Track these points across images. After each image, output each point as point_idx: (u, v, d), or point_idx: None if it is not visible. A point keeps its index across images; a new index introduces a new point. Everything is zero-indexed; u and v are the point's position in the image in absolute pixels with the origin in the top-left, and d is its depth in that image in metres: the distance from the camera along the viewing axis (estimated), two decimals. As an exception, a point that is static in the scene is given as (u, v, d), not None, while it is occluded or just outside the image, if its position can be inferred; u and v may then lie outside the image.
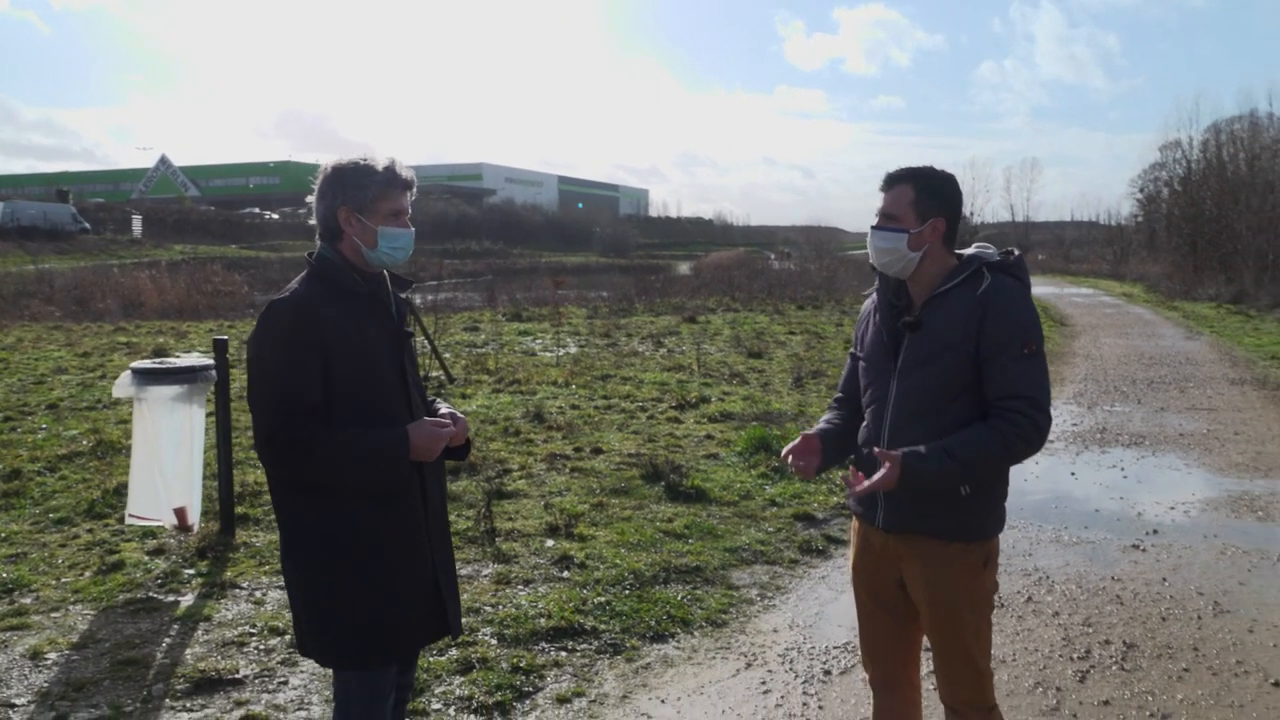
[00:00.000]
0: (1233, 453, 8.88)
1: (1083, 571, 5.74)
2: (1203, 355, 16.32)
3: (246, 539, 6.05)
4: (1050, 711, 4.06)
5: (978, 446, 2.58)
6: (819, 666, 4.49)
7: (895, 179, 2.75)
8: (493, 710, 4.03)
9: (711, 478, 7.53)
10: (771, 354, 15.66)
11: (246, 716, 3.93)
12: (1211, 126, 41.57)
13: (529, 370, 13.53)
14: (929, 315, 2.71)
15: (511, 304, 27.19)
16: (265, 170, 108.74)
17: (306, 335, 2.55)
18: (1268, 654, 4.59)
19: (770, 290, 31.77)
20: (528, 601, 5.09)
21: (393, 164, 2.72)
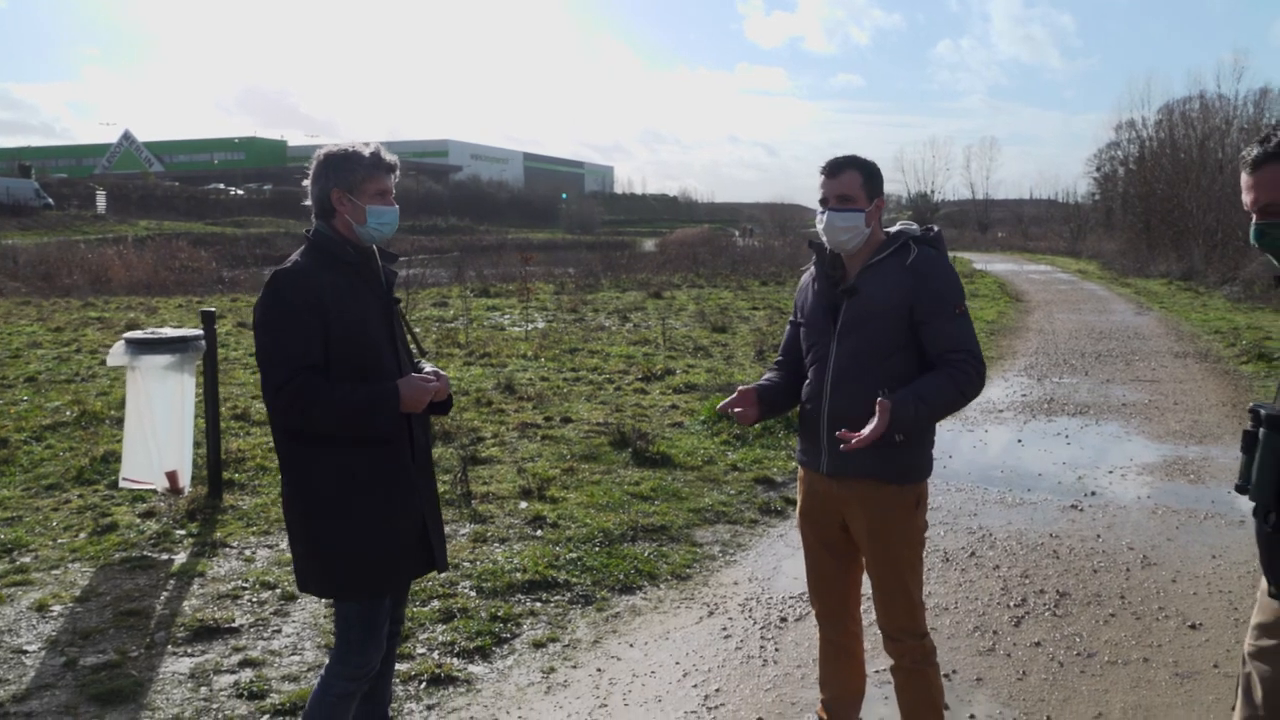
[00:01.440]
0: (1171, 421, 9.34)
1: (1023, 529, 6.14)
2: (1150, 330, 16.88)
3: (233, 502, 6.31)
4: (987, 652, 4.44)
5: (941, 392, 2.95)
6: (776, 614, 4.84)
7: (843, 165, 3.09)
8: (474, 654, 4.35)
9: (676, 444, 7.87)
10: (735, 329, 16.02)
11: (244, 660, 4.22)
12: (1164, 107, 42.34)
13: (499, 344, 13.80)
14: (864, 283, 3.07)
15: (479, 280, 27.36)
16: (230, 146, 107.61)
17: (308, 300, 2.85)
18: (1188, 601, 5.00)
19: (734, 266, 32.15)
20: (504, 558, 5.41)
21: (377, 150, 3.06)
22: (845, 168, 3.09)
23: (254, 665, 4.18)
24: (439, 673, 4.13)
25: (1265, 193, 2.20)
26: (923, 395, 2.92)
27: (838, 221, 3.06)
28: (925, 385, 2.95)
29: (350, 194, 2.98)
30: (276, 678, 4.08)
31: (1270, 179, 2.18)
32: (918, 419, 2.92)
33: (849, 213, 3.05)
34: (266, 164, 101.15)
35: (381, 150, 3.05)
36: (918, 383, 2.96)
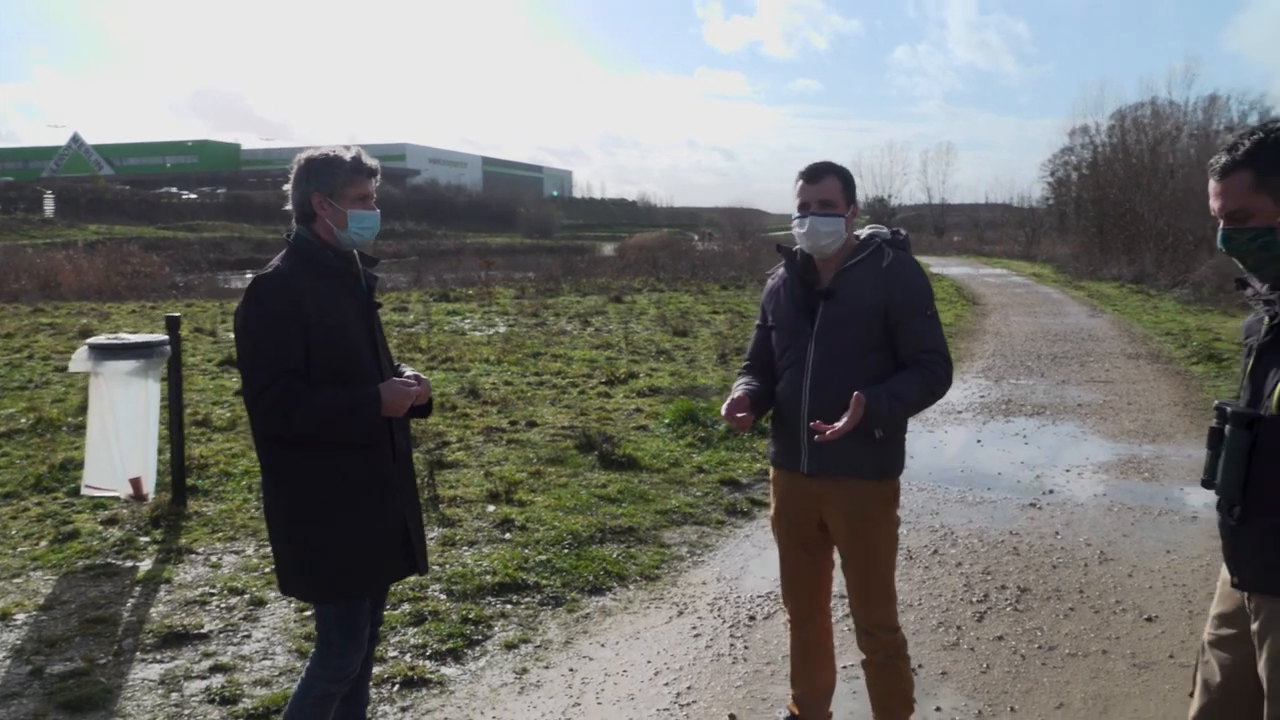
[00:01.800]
0: (1125, 421, 9.55)
1: (984, 527, 6.26)
2: (1104, 332, 17.20)
3: (198, 508, 6.26)
4: (951, 646, 4.53)
5: (913, 390, 3.05)
6: (744, 613, 4.90)
7: (823, 171, 3.16)
8: (446, 656, 4.36)
9: (642, 447, 7.92)
10: (696, 332, 16.11)
11: (215, 666, 4.20)
12: (1117, 113, 43.08)
13: (461, 349, 13.76)
14: (841, 286, 3.13)
15: (439, 284, 27.24)
16: (182, 149, 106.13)
17: (289, 306, 2.86)
18: (1144, 594, 5.13)
19: (694, 271, 32.27)
20: (473, 561, 5.42)
21: (358, 155, 3.05)
22: (825, 174, 3.16)
23: (225, 670, 4.16)
24: (412, 675, 4.14)
25: (1232, 200, 2.27)
26: (896, 392, 3.00)
27: (821, 226, 3.13)
28: (898, 383, 3.03)
29: (331, 199, 2.97)
30: (248, 682, 4.06)
31: (1236, 186, 2.26)
32: (890, 414, 3.00)
33: (831, 217, 3.12)
34: (220, 167, 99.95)
35: (363, 155, 3.06)
36: (891, 380, 3.04)
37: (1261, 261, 2.28)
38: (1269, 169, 2.21)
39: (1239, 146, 2.26)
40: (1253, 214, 2.24)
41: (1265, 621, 2.28)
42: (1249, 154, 2.23)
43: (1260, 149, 2.22)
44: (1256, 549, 2.28)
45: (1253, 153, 2.23)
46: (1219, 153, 2.31)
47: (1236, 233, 2.28)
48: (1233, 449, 2.29)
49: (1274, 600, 2.25)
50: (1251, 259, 2.29)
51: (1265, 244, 2.24)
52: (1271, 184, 2.21)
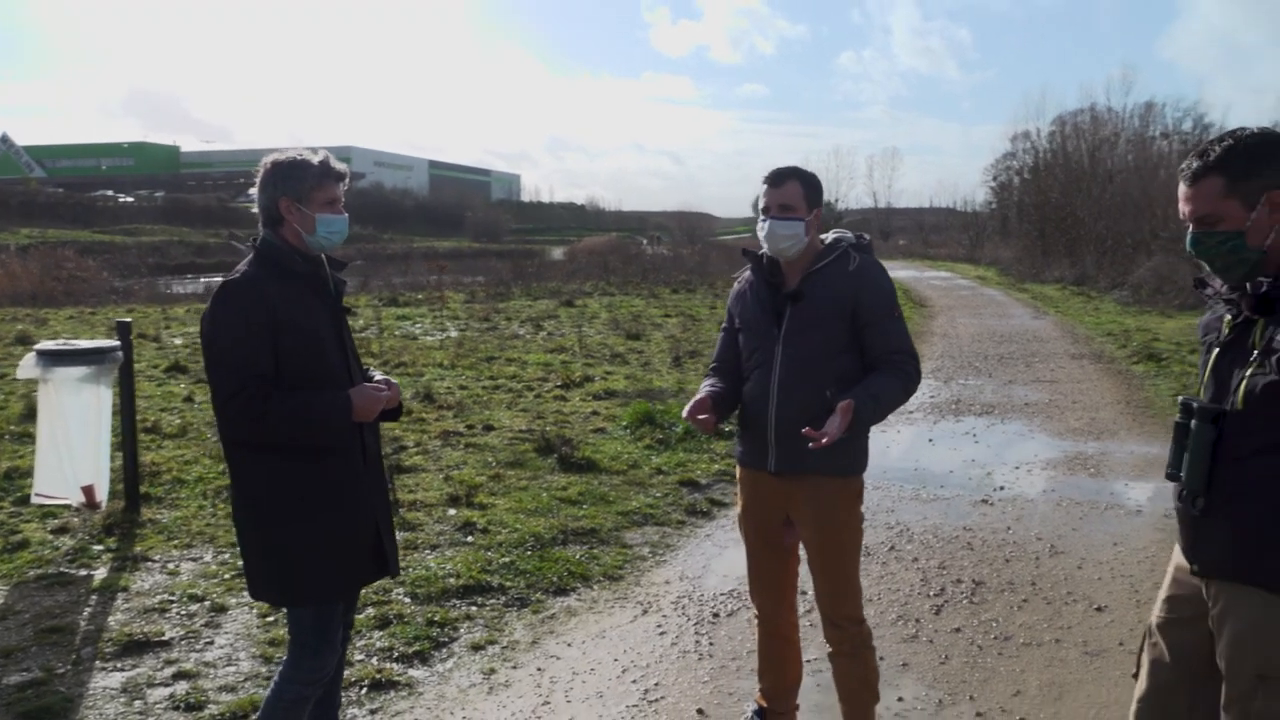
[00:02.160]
0: (1071, 419, 9.78)
1: (938, 523, 6.39)
2: (1048, 333, 17.57)
3: (152, 516, 6.18)
4: (910, 639, 4.63)
5: (890, 391, 3.14)
6: (708, 610, 4.96)
7: (786, 176, 3.22)
8: (413, 658, 4.36)
9: (601, 450, 7.95)
10: (649, 335, 16.18)
11: (178, 673, 4.16)
12: (1057, 119, 44.02)
13: (413, 353, 13.69)
14: (808, 289, 3.20)
15: (388, 289, 27.02)
16: (119, 151, 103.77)
17: (256, 312, 2.84)
18: (1093, 585, 5.28)
19: (644, 275, 32.37)
20: (436, 564, 5.41)
21: (326, 159, 3.05)
22: (788, 178, 3.22)
23: (188, 677, 4.12)
24: (379, 678, 4.13)
25: (1203, 204, 2.33)
26: (876, 395, 3.08)
27: (780, 229, 3.19)
28: (877, 385, 3.10)
29: (299, 203, 2.96)
30: (213, 689, 4.03)
31: (1207, 191, 2.32)
32: (874, 416, 3.09)
33: (790, 221, 3.18)
34: (158, 170, 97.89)
35: (330, 159, 3.05)
36: (869, 383, 3.11)
37: (1229, 264, 2.34)
38: (1240, 175, 2.27)
39: (1210, 152, 2.31)
40: (1223, 218, 2.30)
41: (1225, 607, 2.37)
42: (1220, 160, 2.29)
43: (1231, 155, 2.28)
44: (1219, 538, 2.36)
45: (1224, 159, 2.29)
46: (1189, 158, 2.37)
47: (1206, 236, 2.35)
48: (1198, 443, 2.37)
49: (1233, 586, 2.34)
50: (1220, 262, 2.36)
51: (1234, 248, 2.30)
52: (1241, 189, 2.27)
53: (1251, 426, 2.27)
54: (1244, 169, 2.25)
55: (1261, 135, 2.29)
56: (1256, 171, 2.25)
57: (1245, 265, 2.30)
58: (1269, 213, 2.25)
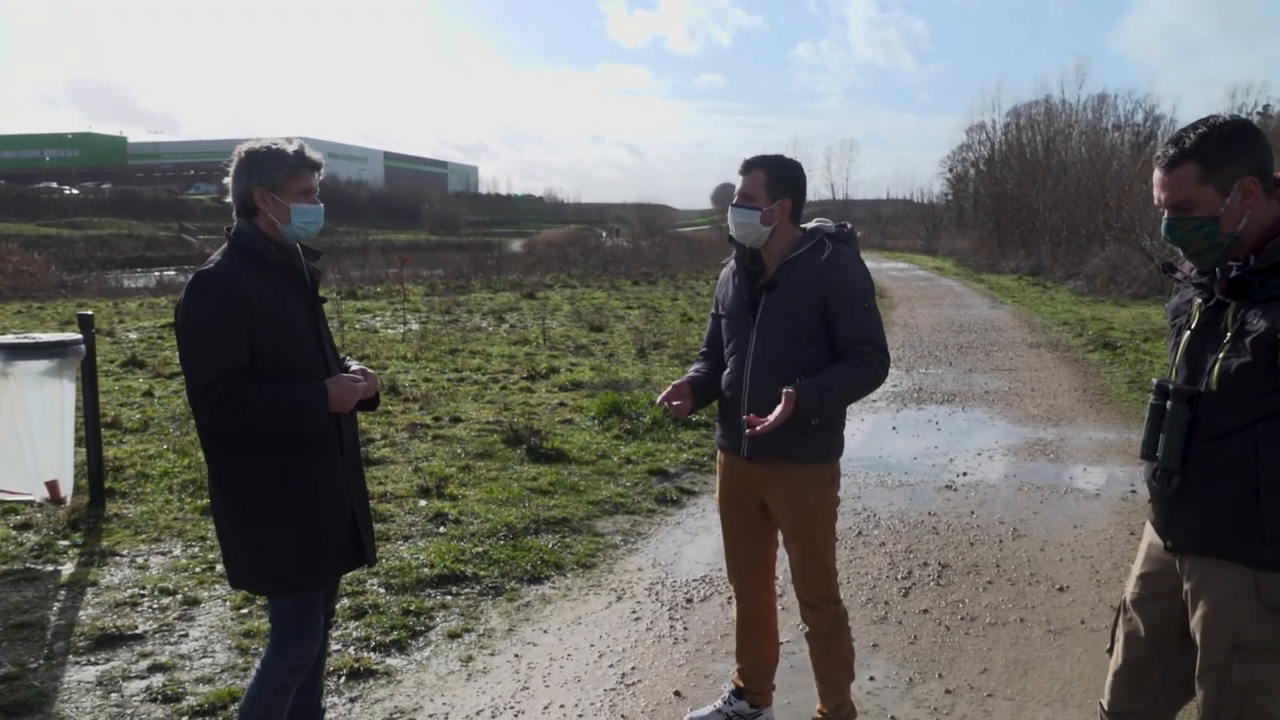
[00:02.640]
0: (1030, 406, 9.97)
1: (904, 509, 6.50)
2: (1006, 323, 17.86)
3: (118, 510, 6.12)
4: (880, 620, 4.73)
5: (846, 382, 3.17)
6: (681, 596, 5.02)
7: (751, 165, 3.28)
8: (390, 647, 4.38)
9: (569, 440, 7.99)
10: (612, 327, 16.22)
11: (154, 666, 4.14)
12: (1012, 111, 44.65)
13: (376, 346, 13.64)
14: (782, 278, 3.25)
15: (346, 282, 26.81)
16: (63, 142, 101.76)
17: (231, 302, 2.83)
18: (1055, 566, 5.41)
19: (605, 267, 32.43)
20: (409, 555, 5.43)
21: (301, 148, 3.03)
22: (753, 167, 3.27)
23: (164, 670, 4.11)
24: (358, 666, 4.15)
25: (1178, 191, 2.39)
26: (828, 385, 3.13)
27: (735, 217, 3.27)
28: (831, 375, 3.15)
29: (274, 193, 2.95)
30: (190, 680, 4.02)
31: (1183, 178, 2.38)
32: (823, 406, 3.13)
33: (746, 209, 3.24)
34: (104, 161, 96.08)
35: (305, 148, 3.04)
36: (824, 373, 3.16)
37: (1203, 249, 2.41)
38: (1214, 162, 2.34)
39: (1185, 140, 2.37)
40: (1198, 204, 2.37)
41: (1199, 582, 2.46)
42: (1195, 147, 2.35)
43: (1206, 143, 2.35)
44: (1194, 516, 2.44)
45: (1199, 146, 2.35)
46: (1165, 145, 2.43)
47: (1181, 222, 2.41)
48: (1174, 423, 2.44)
49: (1208, 562, 2.43)
50: (1194, 246, 2.43)
51: (1208, 233, 2.37)
52: (1215, 176, 2.34)
53: (1225, 407, 2.35)
54: (1218, 156, 2.32)
55: (1235, 123, 2.36)
56: (1230, 158, 2.32)
57: (1219, 250, 2.38)
58: (1242, 199, 2.32)
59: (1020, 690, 4.02)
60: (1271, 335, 2.24)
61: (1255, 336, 2.26)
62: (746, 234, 3.28)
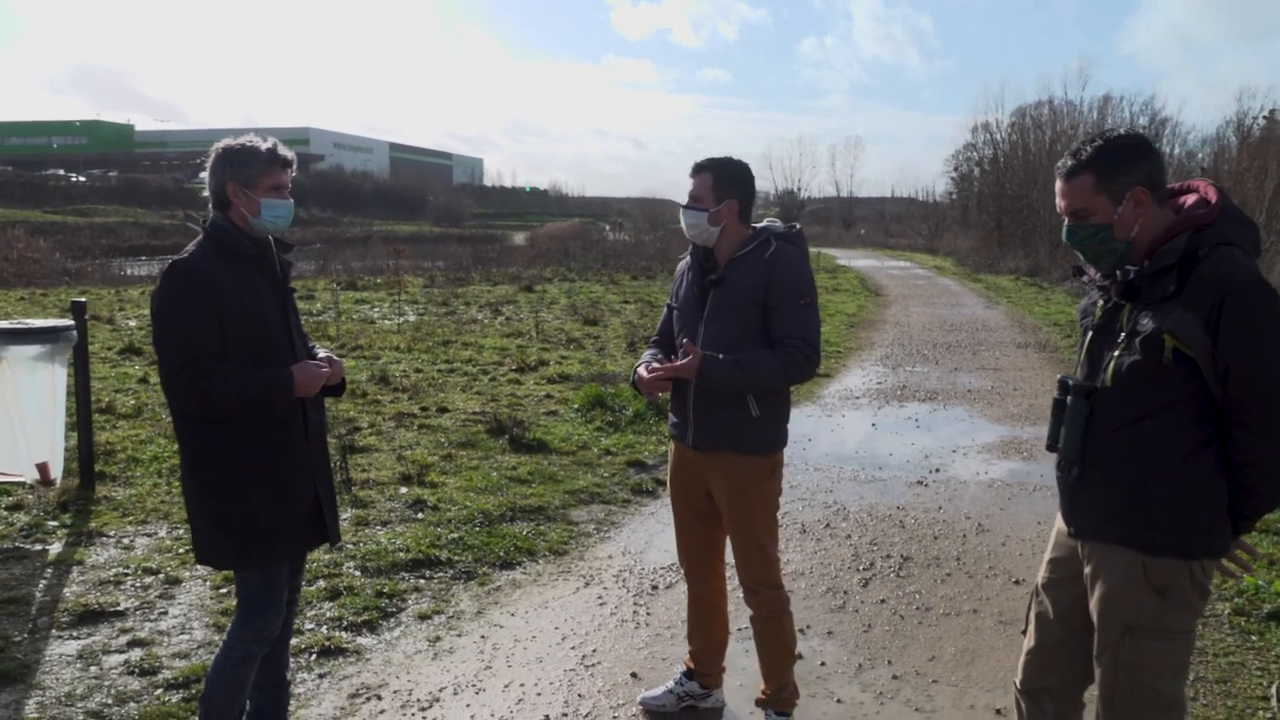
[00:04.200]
0: (1010, 405, 10.12)
1: (874, 503, 6.66)
2: (997, 322, 17.99)
3: (107, 493, 6.29)
4: (838, 609, 4.88)
5: (761, 364, 3.32)
6: (648, 583, 5.18)
7: (699, 168, 3.44)
8: (361, 627, 4.55)
9: (552, 431, 8.15)
10: (606, 321, 16.37)
11: (133, 641, 4.31)
12: (1017, 110, 44.66)
13: (370, 336, 13.79)
14: (730, 275, 3.41)
15: (346, 273, 26.98)
16: (70, 129, 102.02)
17: (203, 291, 3.01)
18: (1014, 560, 5.57)
19: (605, 261, 32.55)
20: (386, 539, 5.59)
21: (274, 146, 3.20)
22: (701, 170, 3.44)
23: (143, 645, 4.28)
24: (329, 645, 4.31)
25: (1076, 199, 2.58)
26: (741, 362, 3.29)
27: (685, 218, 3.44)
28: (748, 355, 3.31)
29: (246, 188, 3.12)
30: (167, 655, 4.19)
31: (1080, 188, 2.57)
32: (729, 378, 3.28)
33: (694, 211, 3.42)
34: (111, 149, 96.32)
35: (278, 146, 3.20)
36: (746, 352, 3.32)
37: (1100, 254, 2.60)
38: (1108, 173, 2.52)
39: (1082, 152, 2.56)
40: (1094, 212, 2.55)
41: (1096, 566, 2.62)
42: (1091, 159, 2.54)
43: (1101, 154, 2.53)
44: (1091, 503, 2.62)
45: (1094, 158, 2.54)
46: (1065, 157, 2.62)
47: (1079, 228, 2.60)
48: (1073, 417, 2.63)
49: (1104, 547, 2.60)
50: (1091, 252, 2.61)
51: (1103, 239, 2.56)
52: (1109, 186, 2.52)
53: (1118, 402, 2.53)
54: (1111, 168, 2.50)
55: (1127, 137, 2.53)
56: (1123, 170, 2.49)
57: (1114, 255, 2.55)
58: (1133, 207, 2.50)
59: (965, 677, 4.18)
60: (1158, 336, 2.41)
61: (1144, 336, 2.43)
62: (697, 234, 3.44)
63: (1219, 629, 4.62)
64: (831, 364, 12.62)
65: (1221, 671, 4.21)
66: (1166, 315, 2.41)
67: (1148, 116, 39.17)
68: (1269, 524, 5.93)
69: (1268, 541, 5.68)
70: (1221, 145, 31.71)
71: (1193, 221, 2.48)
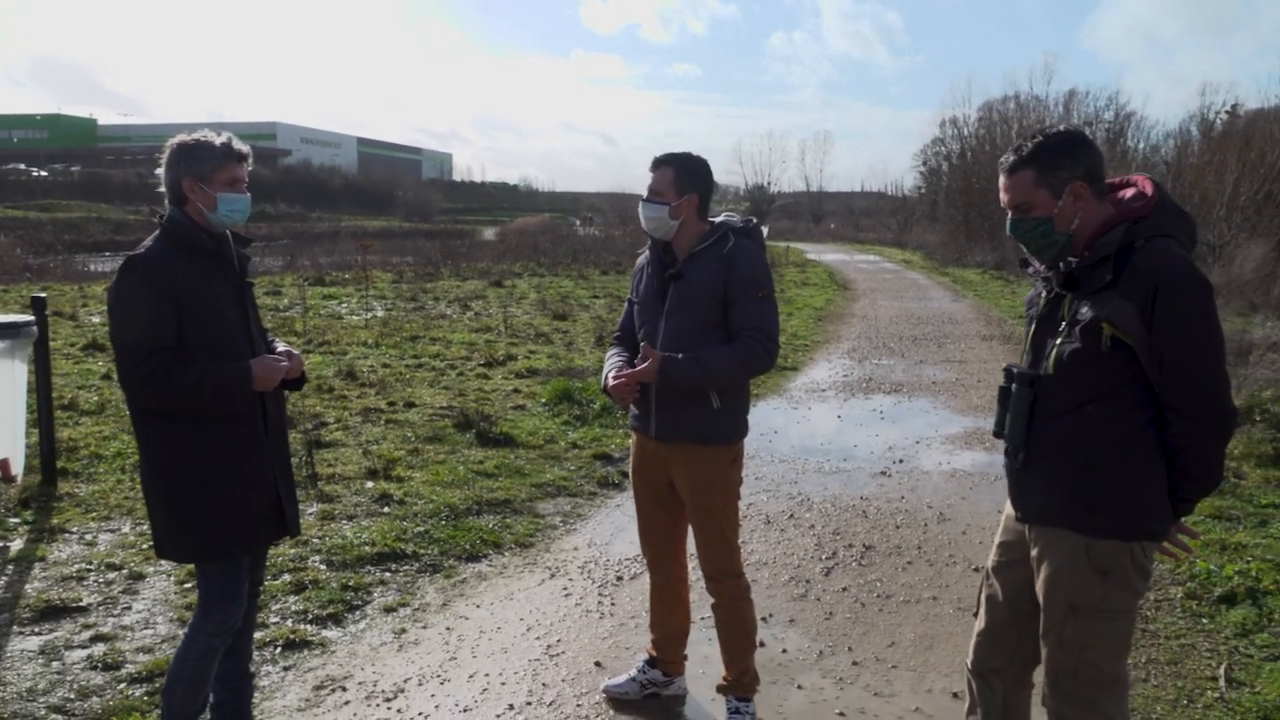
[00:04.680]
0: (974, 397, 10.24)
1: (838, 494, 6.74)
2: (963, 315, 18.17)
3: (70, 490, 6.25)
4: (800, 598, 4.95)
5: (721, 359, 3.36)
6: (612, 574, 5.23)
7: (660, 162, 3.48)
8: (327, 620, 4.56)
9: (519, 425, 8.18)
10: (576, 316, 16.40)
11: (96, 636, 4.30)
12: (985, 105, 45.06)
13: (338, 332, 13.74)
14: (689, 269, 3.46)
15: (314, 268, 26.81)
16: (31, 123, 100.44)
17: (160, 286, 3.01)
18: (974, 548, 5.66)
19: (575, 256, 32.54)
20: (352, 533, 5.60)
21: (229, 140, 3.21)
22: (661, 164, 3.48)
23: (106, 640, 4.27)
24: (294, 638, 4.33)
25: (1018, 193, 2.66)
26: (701, 359, 3.33)
27: (645, 212, 3.48)
28: (709, 353, 3.35)
29: (201, 183, 3.12)
30: (130, 650, 4.19)
31: (1021, 182, 2.64)
32: (690, 377, 3.32)
33: (654, 205, 3.45)
34: (74, 144, 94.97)
35: (233, 140, 3.21)
36: (706, 350, 3.36)
37: (1041, 246, 2.68)
38: (1048, 167, 2.60)
39: (1023, 147, 2.65)
40: (1035, 205, 2.63)
41: (1042, 549, 2.70)
42: (1031, 154, 2.62)
43: (1041, 150, 2.61)
44: (1036, 488, 2.70)
45: (1035, 153, 2.62)
46: (1007, 153, 2.70)
47: (1021, 221, 2.67)
48: (1018, 404, 2.71)
49: (1049, 530, 2.67)
50: (1033, 244, 2.69)
51: (1044, 231, 2.64)
52: (1049, 180, 2.60)
53: (1061, 389, 2.61)
54: (1051, 162, 2.58)
55: (1067, 134, 2.61)
56: (1061, 164, 2.57)
57: (1055, 247, 2.63)
58: (1073, 201, 2.58)
59: (923, 662, 4.26)
60: (1096, 324, 2.48)
61: (1084, 325, 2.51)
62: (656, 227, 3.48)
63: (1171, 612, 4.74)
64: (799, 357, 12.72)
65: (1172, 653, 4.31)
66: (1104, 304, 2.49)
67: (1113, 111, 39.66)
68: (1221, 510, 6.07)
69: (1220, 527, 5.81)
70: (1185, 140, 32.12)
71: (1129, 214, 2.56)
